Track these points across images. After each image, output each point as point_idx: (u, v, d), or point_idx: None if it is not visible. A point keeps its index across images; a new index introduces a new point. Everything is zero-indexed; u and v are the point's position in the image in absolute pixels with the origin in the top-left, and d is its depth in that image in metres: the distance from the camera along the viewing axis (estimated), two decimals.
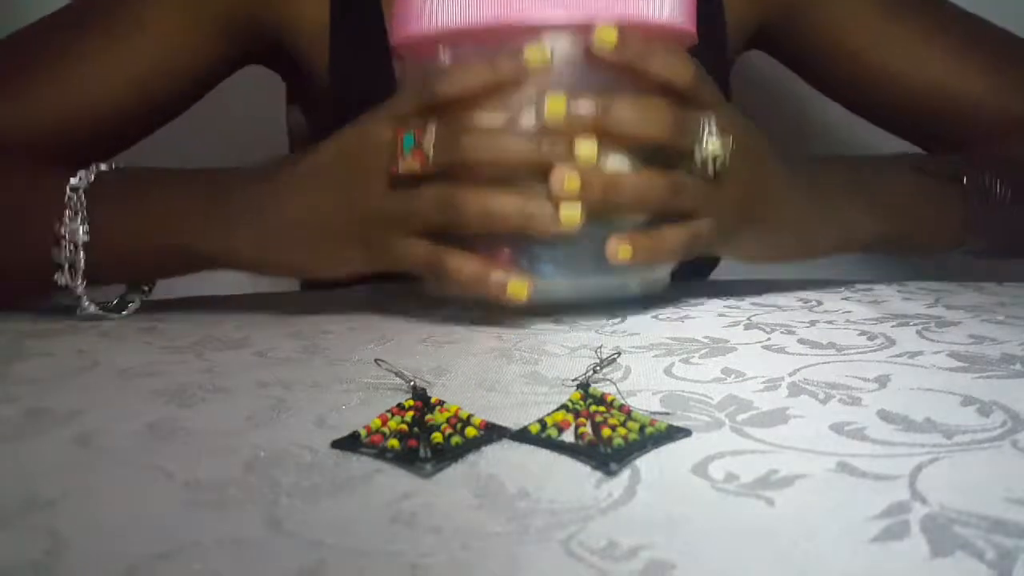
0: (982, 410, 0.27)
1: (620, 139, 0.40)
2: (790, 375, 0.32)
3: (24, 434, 0.27)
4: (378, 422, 0.26)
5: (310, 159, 0.44)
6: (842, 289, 0.53)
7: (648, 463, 0.23)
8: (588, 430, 0.26)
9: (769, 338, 0.39)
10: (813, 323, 0.43)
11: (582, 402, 0.29)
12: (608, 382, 0.31)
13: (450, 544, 0.19)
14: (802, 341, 0.38)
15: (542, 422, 0.26)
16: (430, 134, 0.40)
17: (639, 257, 0.41)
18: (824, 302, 0.49)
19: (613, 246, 0.40)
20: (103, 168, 0.48)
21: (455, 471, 0.23)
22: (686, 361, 0.35)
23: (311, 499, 0.21)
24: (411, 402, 0.29)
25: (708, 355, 0.36)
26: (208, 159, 0.90)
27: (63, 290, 0.46)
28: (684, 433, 0.25)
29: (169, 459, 0.24)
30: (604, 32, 0.39)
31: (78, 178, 0.46)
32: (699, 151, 0.41)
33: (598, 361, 0.33)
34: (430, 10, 0.41)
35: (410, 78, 0.45)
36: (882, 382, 0.31)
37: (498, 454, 0.24)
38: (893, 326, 0.41)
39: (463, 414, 0.27)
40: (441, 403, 0.28)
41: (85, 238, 0.45)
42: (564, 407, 0.28)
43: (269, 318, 0.47)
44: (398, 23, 0.43)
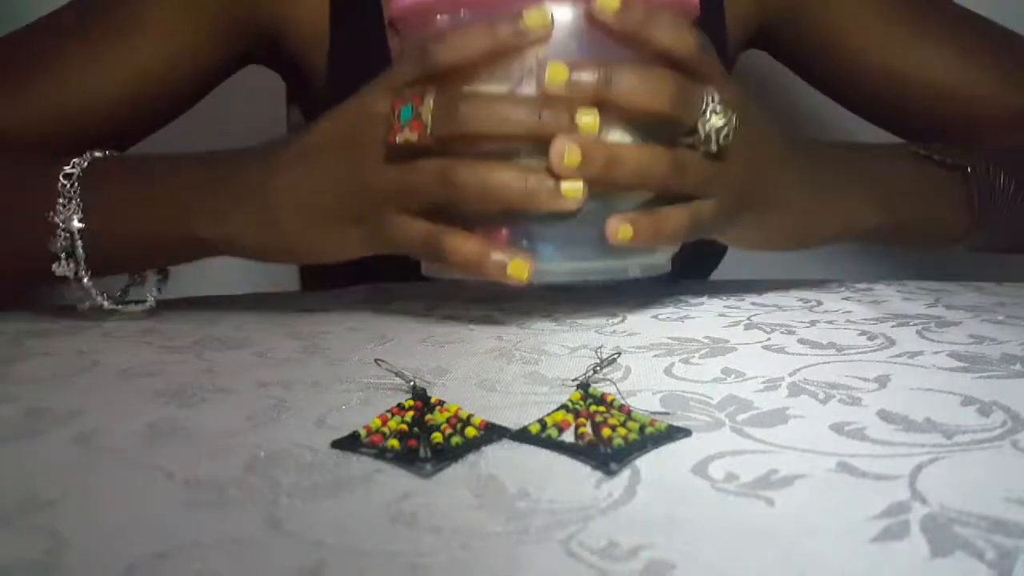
0: (982, 410, 0.27)
1: (622, 110, 0.39)
2: (790, 375, 0.32)
3: (24, 434, 0.27)
4: (378, 422, 0.26)
5: (305, 137, 0.43)
6: (842, 289, 0.53)
7: (648, 463, 0.23)
8: (588, 430, 0.26)
9: (769, 338, 0.39)
10: (813, 323, 0.43)
11: (582, 402, 0.29)
12: (608, 382, 0.31)
13: (450, 544, 0.19)
14: (802, 341, 0.38)
15: (542, 422, 0.26)
16: (428, 104, 0.39)
17: (640, 238, 0.40)
18: (824, 302, 0.49)
19: (614, 226, 0.40)
20: (97, 155, 0.47)
21: (455, 471, 0.23)
22: (686, 361, 0.35)
23: (311, 499, 0.21)
24: (411, 402, 0.29)
25: (708, 355, 0.36)
26: None
27: (64, 281, 0.46)
28: (684, 433, 0.25)
29: (169, 459, 0.24)
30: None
31: (71, 166, 0.46)
32: (702, 125, 0.40)
33: (598, 361, 0.33)
34: None
35: (407, 48, 0.44)
36: (882, 382, 0.31)
37: (498, 454, 0.24)
38: (893, 326, 0.41)
39: (463, 414, 0.27)
40: (441, 403, 0.28)
41: (79, 225, 0.45)
42: (564, 407, 0.28)
43: (269, 318, 0.47)
44: None
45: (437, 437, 0.25)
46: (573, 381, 0.32)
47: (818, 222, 0.49)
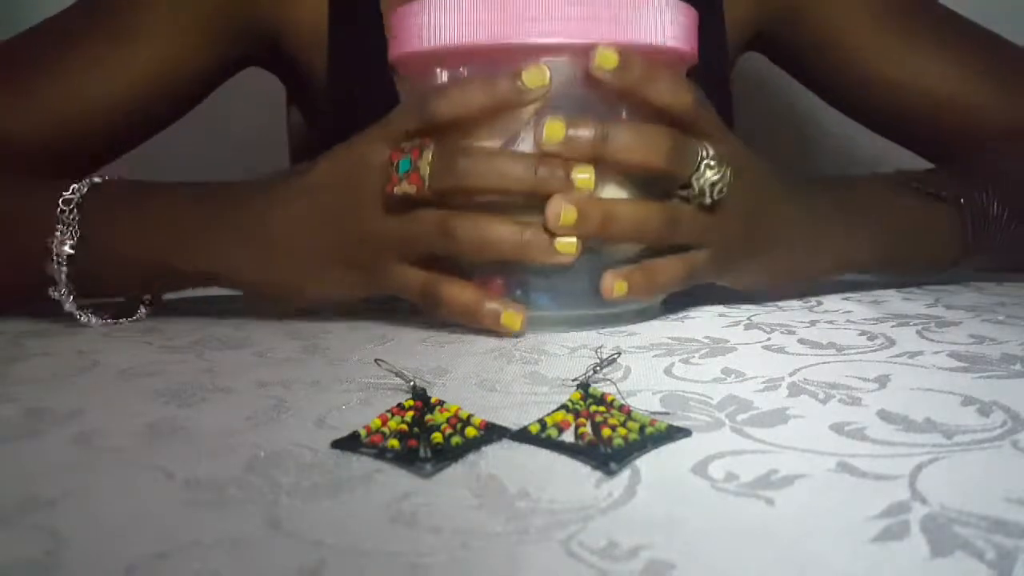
0: (982, 410, 0.27)
1: (618, 166, 0.40)
2: (790, 375, 0.32)
3: (24, 434, 0.27)
4: (378, 422, 0.26)
5: (304, 177, 0.44)
6: (842, 289, 0.53)
7: (648, 463, 0.23)
8: (588, 430, 0.26)
9: (769, 338, 0.39)
10: (813, 323, 0.43)
11: (582, 402, 0.29)
12: (608, 382, 0.31)
13: (450, 544, 0.19)
14: (802, 341, 0.38)
15: (542, 422, 0.26)
16: (426, 157, 0.39)
17: (635, 293, 0.41)
18: (824, 302, 0.49)
19: (608, 282, 0.40)
20: (97, 180, 0.47)
21: (455, 471, 0.23)
22: (686, 361, 0.35)
23: (311, 499, 0.21)
24: (411, 402, 0.29)
25: (708, 355, 0.36)
26: (208, 158, 0.90)
27: (57, 303, 0.46)
28: (684, 433, 0.25)
29: (169, 459, 0.24)
30: (604, 56, 0.39)
31: (71, 191, 0.46)
32: (697, 180, 0.40)
33: (598, 361, 0.33)
34: (428, 29, 0.41)
35: (407, 96, 0.45)
36: (882, 382, 0.31)
37: (498, 454, 0.24)
38: (893, 326, 0.41)
39: (463, 414, 0.27)
40: (441, 403, 0.28)
41: (70, 252, 0.45)
42: (564, 407, 0.28)
43: (269, 318, 0.48)
44: (395, 40, 0.43)
45: (437, 437, 0.25)
46: (573, 381, 0.32)
47: (814, 261, 0.49)
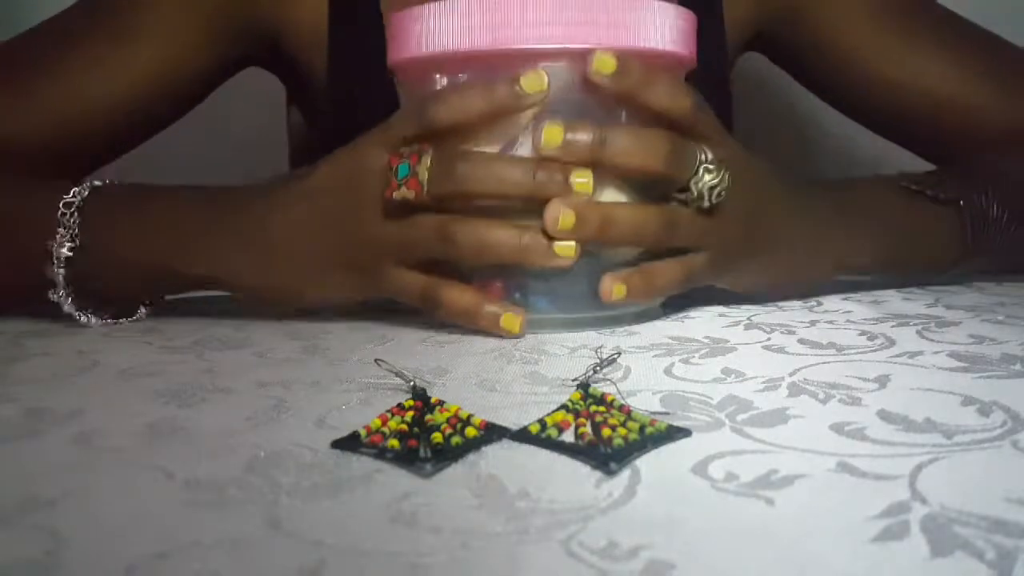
0: (982, 410, 0.27)
1: (617, 169, 0.40)
2: (790, 375, 0.32)
3: (24, 434, 0.27)
4: (378, 422, 0.26)
5: (304, 182, 0.44)
6: (842, 289, 0.53)
7: (648, 463, 0.23)
8: (588, 430, 0.26)
9: (769, 338, 0.39)
10: (813, 323, 0.43)
11: (582, 402, 0.29)
12: (608, 382, 0.31)
13: (450, 544, 0.19)
14: (802, 341, 0.38)
15: (542, 422, 0.26)
16: (425, 163, 0.39)
17: (633, 296, 0.41)
18: (824, 302, 0.49)
19: (607, 285, 0.40)
20: (97, 184, 0.47)
21: (455, 471, 0.23)
22: (686, 361, 0.35)
23: (311, 499, 0.21)
24: (411, 402, 0.29)
25: (708, 355, 0.36)
26: (208, 158, 0.90)
27: (56, 305, 0.46)
28: (684, 433, 0.25)
29: (169, 459, 0.24)
30: (602, 61, 0.39)
31: (71, 194, 0.46)
32: (695, 184, 0.40)
33: (598, 361, 0.33)
34: (426, 34, 0.41)
35: (406, 101, 0.45)
36: (882, 382, 0.31)
37: (498, 454, 0.24)
38: (893, 326, 0.41)
39: (463, 414, 0.27)
40: (441, 403, 0.28)
41: (69, 254, 0.45)
42: (564, 407, 0.28)
43: (269, 318, 0.48)
44: (394, 45, 0.43)
45: (437, 437, 0.25)
46: (573, 381, 0.32)
47: (814, 264, 0.49)
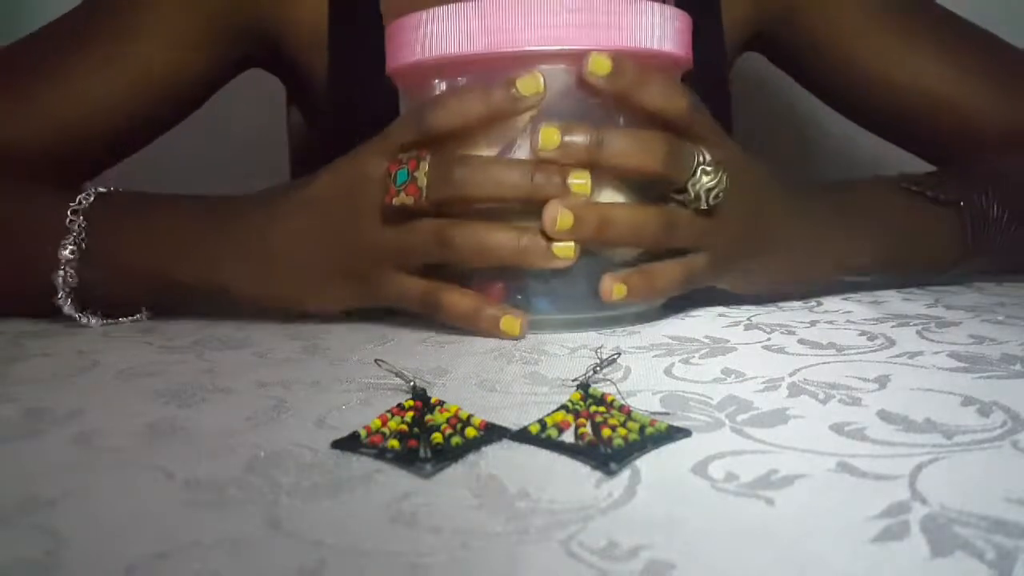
0: (982, 410, 0.27)
1: (614, 171, 0.40)
2: (790, 375, 0.32)
3: (24, 434, 0.27)
4: (378, 422, 0.26)
5: (304, 191, 0.44)
6: (842, 289, 0.53)
7: (648, 463, 0.23)
8: (588, 430, 0.26)
9: (769, 338, 0.39)
10: (813, 323, 0.43)
11: (582, 402, 0.29)
12: (608, 382, 0.31)
13: (450, 544, 0.19)
14: (802, 341, 0.38)
15: (542, 422, 0.26)
16: (423, 168, 0.39)
17: (633, 296, 0.41)
18: (824, 302, 0.49)
19: (607, 285, 0.40)
20: (102, 191, 0.47)
21: (455, 471, 0.23)
22: (686, 361, 0.35)
23: (311, 499, 0.21)
24: (411, 402, 0.29)
25: (708, 355, 0.36)
26: (208, 158, 0.90)
27: (60, 310, 0.47)
28: (684, 433, 0.25)
29: (169, 459, 0.24)
30: (597, 62, 0.39)
31: (77, 202, 0.46)
32: (692, 185, 0.40)
33: (598, 361, 0.33)
34: (424, 39, 0.41)
35: (405, 106, 0.45)
36: (882, 382, 0.31)
37: (498, 454, 0.24)
38: (893, 326, 0.41)
39: (463, 414, 0.27)
40: (441, 403, 0.28)
41: (72, 259, 0.45)
42: (564, 407, 0.28)
43: (269, 319, 0.47)
44: (392, 52, 0.43)
45: (437, 437, 0.25)
46: (573, 381, 0.32)
47: (815, 265, 0.49)
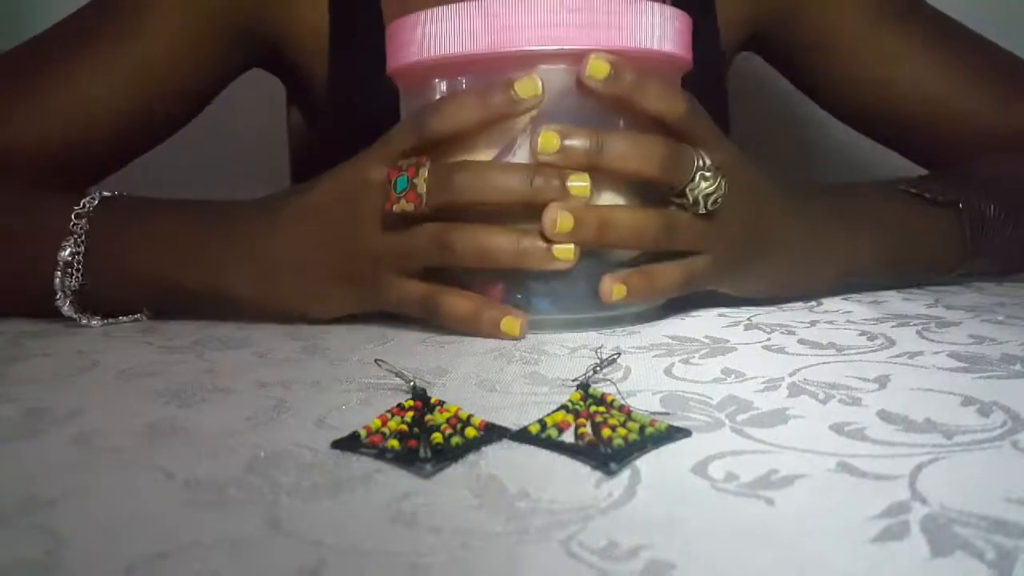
0: (982, 410, 0.27)
1: (613, 174, 0.40)
2: (790, 375, 0.32)
3: (24, 434, 0.27)
4: (378, 422, 0.26)
5: (306, 197, 0.44)
6: (842, 290, 0.53)
7: (648, 463, 0.23)
8: (588, 430, 0.26)
9: (769, 338, 0.39)
10: (813, 323, 0.43)
11: (582, 402, 0.28)
12: (608, 382, 0.31)
13: (450, 544, 0.19)
14: (802, 341, 0.38)
15: (542, 422, 0.26)
16: (423, 175, 0.39)
17: (633, 296, 0.41)
18: (824, 302, 0.49)
19: (607, 286, 0.40)
20: (106, 195, 0.48)
21: (455, 471, 0.23)
22: (686, 361, 0.35)
23: (311, 499, 0.21)
24: (411, 402, 0.29)
25: (708, 355, 0.36)
26: (208, 158, 0.90)
27: (60, 313, 0.47)
28: (684, 433, 0.25)
29: (169, 459, 0.24)
30: (595, 66, 0.39)
31: (81, 205, 0.47)
32: (691, 191, 0.40)
33: (598, 361, 0.33)
34: (424, 39, 0.41)
35: (405, 106, 0.45)
36: (882, 382, 0.31)
37: (498, 454, 0.24)
38: (893, 326, 0.41)
39: (463, 414, 0.27)
40: (441, 403, 0.28)
41: (73, 262, 0.46)
42: (564, 407, 0.28)
43: (269, 318, 0.47)
44: (392, 52, 0.43)
45: (437, 437, 0.25)
46: (573, 381, 0.32)
47: (817, 269, 0.49)
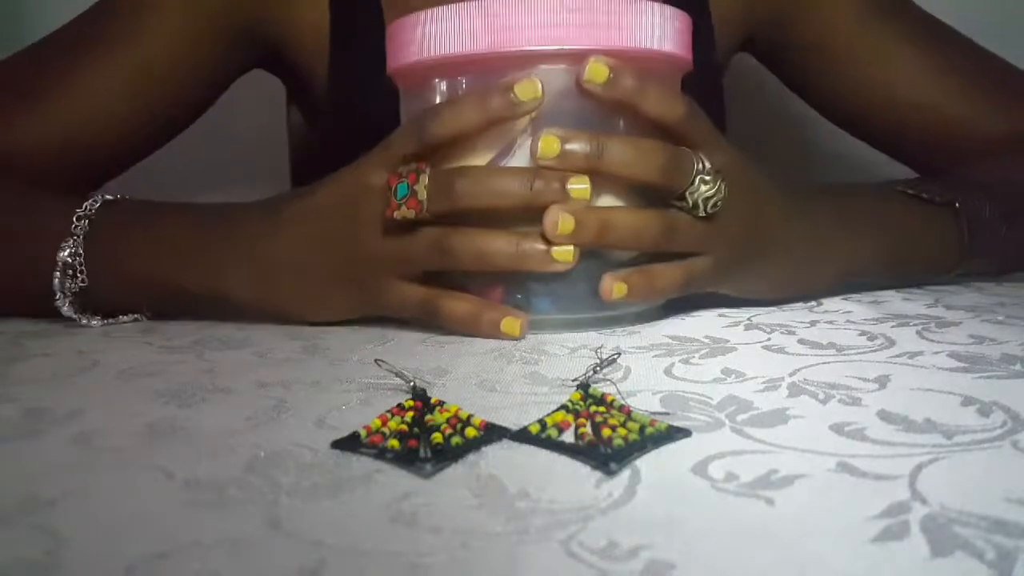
0: (982, 410, 0.27)
1: (613, 178, 0.40)
2: (790, 375, 0.32)
3: (24, 434, 0.27)
4: (378, 422, 0.26)
5: (306, 201, 0.44)
6: (842, 290, 0.53)
7: (648, 463, 0.23)
8: (588, 430, 0.26)
9: (769, 338, 0.39)
10: (813, 323, 0.43)
11: (582, 402, 0.28)
12: (608, 382, 0.31)
13: (450, 544, 0.19)
14: (802, 341, 0.38)
15: (542, 422, 0.26)
16: (423, 181, 0.39)
17: (634, 296, 0.41)
18: (824, 302, 0.49)
19: (608, 284, 0.40)
20: (108, 197, 0.48)
21: (455, 471, 0.23)
22: (686, 361, 0.35)
23: (311, 499, 0.21)
24: (411, 402, 0.29)
25: (708, 355, 0.36)
26: (208, 158, 0.90)
27: (60, 313, 0.47)
28: (684, 433, 0.25)
29: (169, 459, 0.24)
30: (594, 69, 0.39)
31: (83, 208, 0.47)
32: (691, 194, 0.40)
33: (598, 361, 0.33)
34: (424, 39, 0.41)
35: (405, 106, 0.45)
36: (882, 382, 0.31)
37: (498, 454, 0.24)
38: (893, 326, 0.41)
39: (463, 414, 0.27)
40: (441, 403, 0.28)
41: (74, 264, 0.46)
42: (564, 407, 0.28)
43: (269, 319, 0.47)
44: (392, 52, 0.43)
45: (437, 437, 0.25)
46: (573, 381, 0.32)
47: (817, 270, 0.49)
